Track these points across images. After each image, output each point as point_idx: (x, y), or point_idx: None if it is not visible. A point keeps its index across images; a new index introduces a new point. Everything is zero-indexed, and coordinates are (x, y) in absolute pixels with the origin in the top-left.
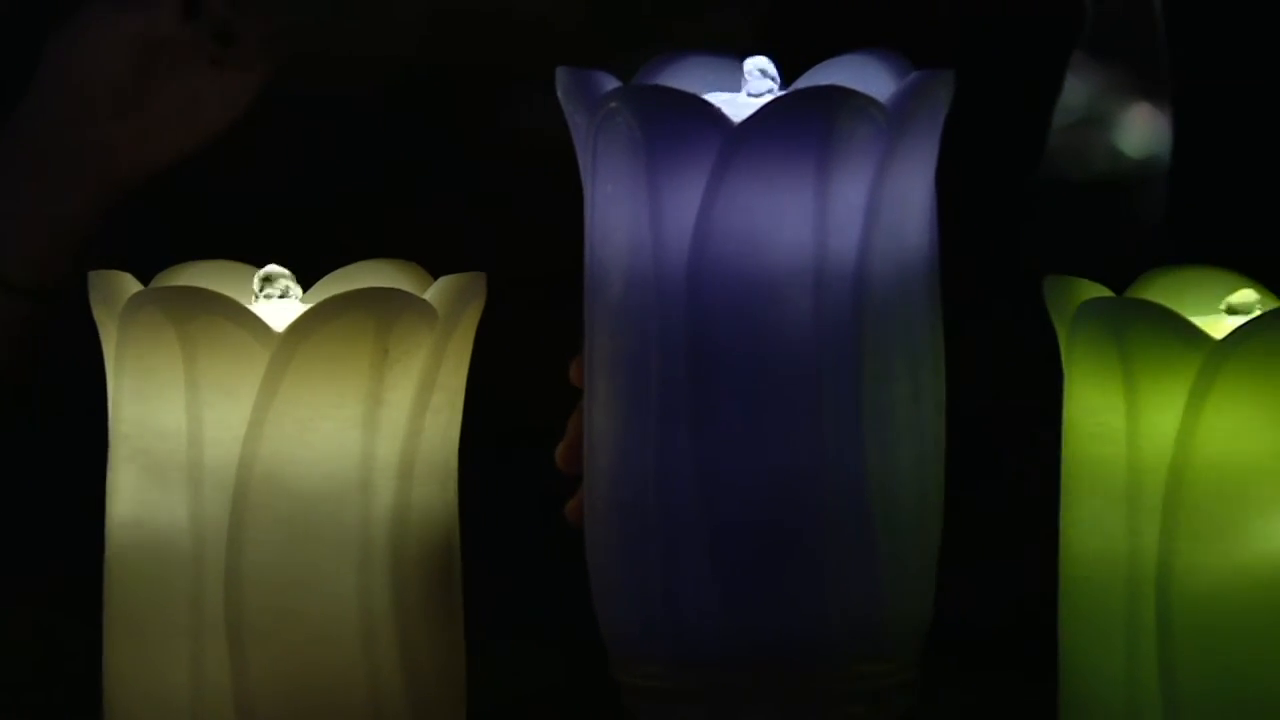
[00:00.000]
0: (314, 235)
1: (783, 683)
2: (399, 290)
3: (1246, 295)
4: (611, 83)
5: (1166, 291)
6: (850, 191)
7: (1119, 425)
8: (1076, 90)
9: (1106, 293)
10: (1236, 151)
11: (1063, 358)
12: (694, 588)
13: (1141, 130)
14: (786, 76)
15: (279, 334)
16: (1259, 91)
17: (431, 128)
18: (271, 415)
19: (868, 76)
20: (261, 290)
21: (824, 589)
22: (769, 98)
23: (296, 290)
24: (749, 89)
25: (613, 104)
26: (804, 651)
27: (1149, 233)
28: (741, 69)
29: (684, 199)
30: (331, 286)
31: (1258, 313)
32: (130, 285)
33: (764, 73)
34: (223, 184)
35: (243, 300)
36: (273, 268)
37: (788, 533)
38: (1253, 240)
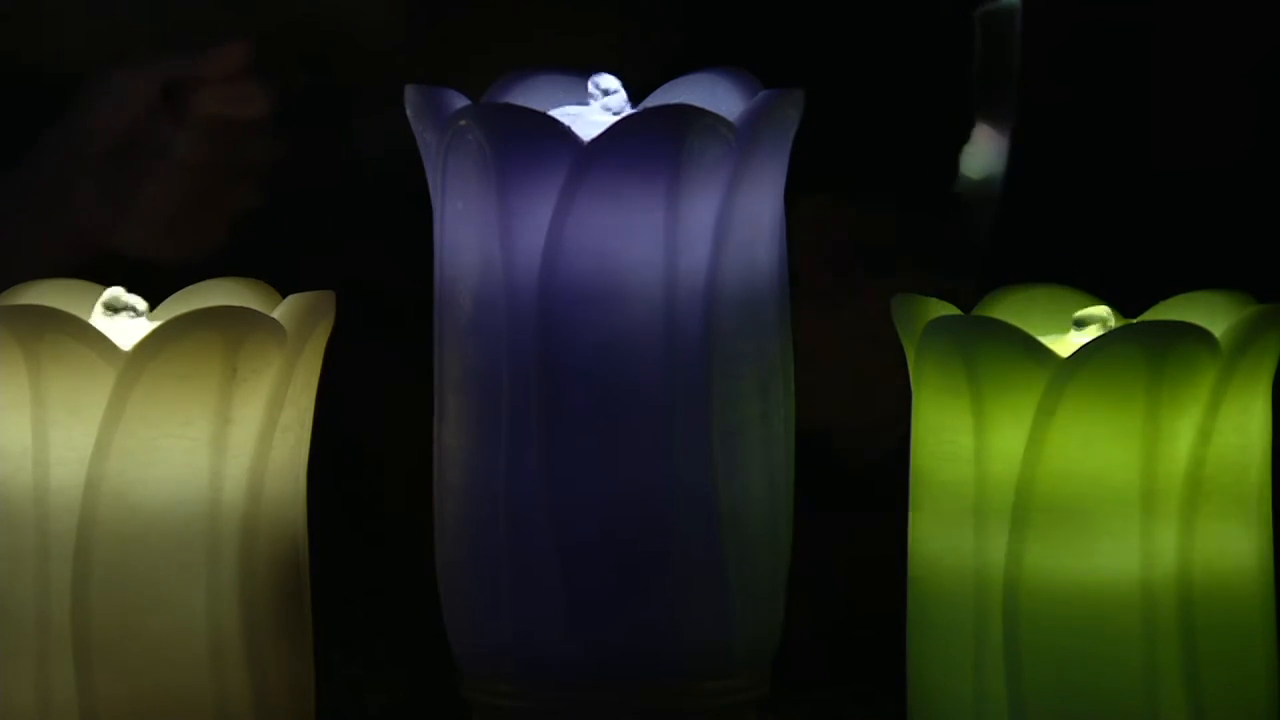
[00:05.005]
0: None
1: (632, 701)
2: (247, 308)
3: (1093, 311)
4: (461, 101)
5: (1013, 310)
6: (700, 210)
7: (967, 442)
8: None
9: (954, 311)
10: (1076, 172)
11: (911, 376)
12: (544, 607)
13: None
14: (638, 94)
15: (126, 353)
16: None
17: (275, 143)
18: (119, 435)
19: (717, 95)
20: (107, 310)
21: (673, 608)
22: (618, 116)
23: (143, 308)
24: (593, 106)
25: (463, 122)
26: (653, 670)
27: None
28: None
29: (534, 217)
30: (179, 304)
31: (1103, 329)
32: None
33: (607, 91)
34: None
35: (90, 319)
36: (117, 292)
37: (637, 552)
38: (1092, 258)
